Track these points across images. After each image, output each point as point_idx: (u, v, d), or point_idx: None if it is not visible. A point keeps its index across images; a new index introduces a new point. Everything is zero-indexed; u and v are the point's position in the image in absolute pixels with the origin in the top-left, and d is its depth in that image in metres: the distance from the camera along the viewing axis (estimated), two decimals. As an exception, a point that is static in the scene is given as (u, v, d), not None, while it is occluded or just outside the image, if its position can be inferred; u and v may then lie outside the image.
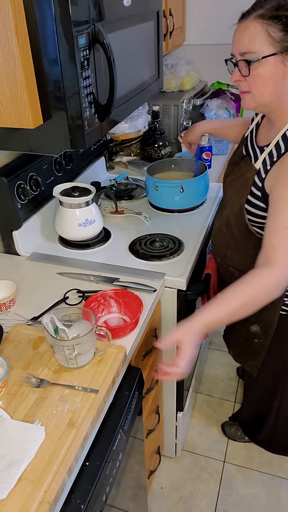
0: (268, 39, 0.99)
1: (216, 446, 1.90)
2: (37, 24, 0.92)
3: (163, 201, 1.69)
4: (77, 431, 0.86)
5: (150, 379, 1.39)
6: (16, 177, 1.37)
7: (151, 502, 1.71)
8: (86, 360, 1.00)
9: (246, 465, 1.82)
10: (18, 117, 0.98)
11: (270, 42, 0.99)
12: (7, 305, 1.21)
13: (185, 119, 2.24)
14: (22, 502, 0.75)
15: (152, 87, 1.52)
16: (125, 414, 1.02)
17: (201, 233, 1.56)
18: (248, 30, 1.01)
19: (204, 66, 2.52)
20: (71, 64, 0.96)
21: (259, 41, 1.00)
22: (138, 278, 1.32)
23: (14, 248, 1.46)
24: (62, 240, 1.53)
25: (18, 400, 0.93)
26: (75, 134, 1.05)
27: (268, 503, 1.69)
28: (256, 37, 1.00)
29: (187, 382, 1.73)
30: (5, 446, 0.82)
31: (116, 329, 1.09)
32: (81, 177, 1.77)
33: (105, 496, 0.93)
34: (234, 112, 2.38)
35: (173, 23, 2.09)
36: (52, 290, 1.30)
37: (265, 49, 1.00)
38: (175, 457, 1.86)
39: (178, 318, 1.41)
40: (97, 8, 1.02)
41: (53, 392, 0.95)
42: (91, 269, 1.38)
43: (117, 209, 1.60)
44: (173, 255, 1.43)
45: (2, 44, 0.89)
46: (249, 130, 1.29)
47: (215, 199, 1.79)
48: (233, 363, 2.26)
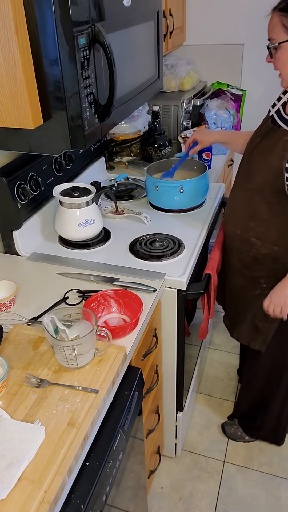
0: (283, 28, 1.18)
1: (216, 446, 1.90)
2: (37, 24, 0.92)
3: (163, 201, 1.69)
4: (77, 431, 0.86)
5: (150, 379, 1.39)
6: (16, 177, 1.37)
7: (151, 502, 1.71)
8: (86, 360, 1.00)
9: (246, 465, 1.82)
10: (18, 117, 0.98)
11: (284, 31, 1.18)
12: (7, 305, 1.21)
13: (185, 119, 2.24)
14: (22, 502, 0.75)
15: (152, 87, 1.52)
16: (125, 414, 1.02)
17: (201, 233, 1.56)
18: (271, 21, 1.21)
19: (204, 66, 2.52)
20: (71, 64, 0.96)
21: (277, 30, 1.19)
22: (138, 278, 1.32)
23: (14, 248, 1.46)
24: (62, 240, 1.53)
25: (18, 400, 0.94)
26: (75, 134, 1.05)
27: (268, 503, 1.69)
28: (275, 26, 1.19)
29: (187, 382, 1.74)
30: (5, 446, 0.82)
31: (116, 329, 1.09)
32: (81, 177, 1.77)
33: (105, 496, 0.93)
34: (234, 112, 2.38)
35: (173, 23, 2.09)
36: (52, 290, 1.30)
37: (281, 36, 1.19)
38: (175, 457, 1.86)
39: (178, 318, 1.41)
40: (97, 8, 1.02)
41: (53, 392, 0.95)
42: (91, 269, 1.38)
43: (117, 209, 1.60)
44: (173, 255, 1.43)
45: (2, 44, 0.90)
46: (275, 108, 1.37)
47: (215, 199, 1.79)
48: (233, 363, 2.26)
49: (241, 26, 2.39)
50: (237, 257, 1.48)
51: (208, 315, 1.51)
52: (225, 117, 2.30)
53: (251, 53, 2.45)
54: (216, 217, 1.80)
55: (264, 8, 1.24)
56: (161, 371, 1.56)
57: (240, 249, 1.45)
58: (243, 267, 1.47)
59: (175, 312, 1.40)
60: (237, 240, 1.45)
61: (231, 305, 1.62)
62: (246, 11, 2.34)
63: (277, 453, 1.85)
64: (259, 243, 1.38)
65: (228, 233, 1.51)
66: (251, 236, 1.39)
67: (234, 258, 1.50)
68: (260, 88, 2.53)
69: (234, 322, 1.60)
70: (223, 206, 1.92)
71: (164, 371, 1.57)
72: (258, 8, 2.30)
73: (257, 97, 2.54)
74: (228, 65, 2.51)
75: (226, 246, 1.55)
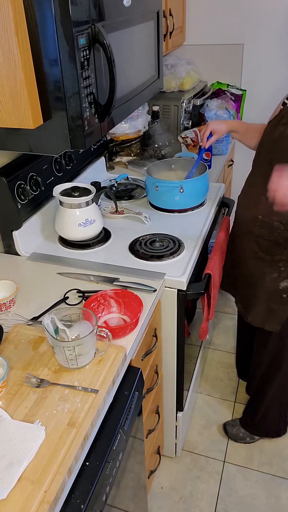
0: None
1: (216, 446, 1.90)
2: (37, 24, 0.92)
3: (163, 201, 1.69)
4: (77, 431, 0.86)
5: (150, 379, 1.39)
6: (16, 177, 1.37)
7: (151, 502, 1.71)
8: (87, 360, 1.00)
9: (246, 465, 1.82)
10: (18, 117, 0.98)
11: None
12: (7, 305, 1.21)
13: (185, 119, 2.24)
14: (22, 502, 0.75)
15: (152, 87, 1.52)
16: (125, 414, 1.02)
17: (201, 233, 1.56)
18: None
19: (204, 66, 2.52)
20: (71, 64, 0.96)
21: None
22: (138, 278, 1.32)
23: (14, 248, 1.46)
24: (62, 240, 1.53)
25: (18, 400, 0.94)
26: (75, 134, 1.05)
27: (268, 503, 1.69)
28: None
29: (187, 382, 1.74)
30: (5, 446, 0.82)
31: (116, 329, 1.09)
32: (81, 177, 1.78)
33: (105, 496, 0.93)
34: (234, 112, 2.38)
35: (173, 23, 2.09)
36: (52, 290, 1.30)
37: None
38: (175, 457, 1.86)
39: (178, 318, 1.41)
40: (97, 8, 1.02)
41: (53, 392, 0.95)
42: (91, 269, 1.38)
43: (117, 209, 1.60)
44: (173, 255, 1.43)
45: (2, 44, 0.90)
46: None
47: (215, 199, 1.79)
48: (233, 363, 2.26)
49: (241, 26, 2.39)
50: (255, 242, 1.49)
51: (208, 315, 1.51)
52: (225, 117, 2.30)
53: (251, 53, 2.45)
54: (216, 217, 1.80)
55: (264, 8, 1.24)
56: (161, 371, 1.56)
57: (260, 234, 1.47)
58: (261, 251, 1.48)
59: (175, 312, 1.40)
60: (257, 225, 1.46)
61: (244, 290, 1.63)
62: (246, 11, 2.34)
63: (277, 453, 1.85)
64: (282, 227, 1.40)
65: (245, 219, 1.52)
66: (274, 220, 1.41)
67: (251, 243, 1.50)
68: (260, 88, 2.53)
69: (248, 306, 1.61)
70: (224, 206, 1.92)
71: (164, 371, 1.57)
72: (258, 8, 2.30)
73: (257, 97, 2.54)
74: (228, 65, 2.51)
75: (240, 232, 1.56)
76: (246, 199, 1.52)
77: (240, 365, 2.16)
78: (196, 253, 1.45)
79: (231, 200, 1.93)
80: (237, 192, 1.51)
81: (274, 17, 2.29)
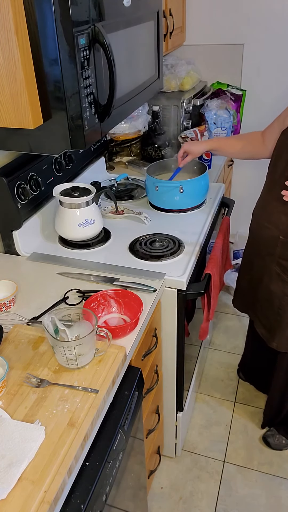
0: None
1: (216, 446, 1.90)
2: (37, 24, 0.92)
3: (163, 201, 1.69)
4: (77, 431, 0.86)
5: (150, 379, 1.39)
6: (16, 177, 1.37)
7: (151, 502, 1.71)
8: (87, 360, 1.00)
9: (246, 465, 1.82)
10: (18, 117, 0.98)
11: None
12: (7, 305, 1.21)
13: (185, 119, 2.24)
14: (22, 502, 0.75)
15: (152, 87, 1.52)
16: (125, 414, 1.02)
17: (201, 233, 1.56)
18: None
19: (204, 66, 2.52)
20: (71, 64, 0.96)
21: None
22: (138, 278, 1.32)
23: (14, 248, 1.46)
24: (62, 240, 1.53)
25: (18, 400, 0.94)
26: (75, 134, 1.05)
27: (268, 503, 1.69)
28: None
29: (187, 382, 1.74)
30: (5, 446, 0.82)
31: (116, 329, 1.09)
32: (81, 177, 1.78)
33: (105, 496, 0.93)
34: (234, 112, 2.38)
35: (173, 23, 2.09)
36: (52, 290, 1.30)
37: None
38: (175, 457, 1.86)
39: (178, 318, 1.41)
40: (97, 8, 1.02)
41: (53, 392, 0.95)
42: (91, 269, 1.38)
43: (117, 209, 1.60)
44: (173, 255, 1.43)
45: (2, 44, 0.90)
46: None
47: (215, 199, 1.79)
48: (233, 363, 2.26)
49: (241, 26, 2.39)
50: (276, 263, 1.45)
51: (208, 316, 1.51)
52: (225, 117, 2.30)
53: (251, 53, 2.45)
54: (216, 217, 1.80)
55: (264, 8, 1.24)
56: (161, 371, 1.56)
57: (282, 256, 1.43)
58: (284, 273, 1.44)
59: (175, 312, 1.40)
60: (278, 246, 1.42)
61: (267, 314, 1.58)
62: (246, 11, 2.34)
63: (277, 453, 1.85)
64: None
65: (265, 239, 1.47)
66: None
67: (272, 264, 1.47)
68: (260, 88, 2.53)
69: (272, 330, 1.57)
70: (223, 206, 1.92)
71: (164, 371, 1.57)
72: (258, 8, 2.30)
73: (257, 97, 2.54)
74: (228, 65, 2.51)
75: (259, 253, 1.52)
76: (265, 217, 1.46)
77: (248, 372, 2.13)
78: (196, 253, 1.45)
79: (231, 200, 1.93)
80: (237, 192, 1.51)
81: (274, 17, 2.30)
